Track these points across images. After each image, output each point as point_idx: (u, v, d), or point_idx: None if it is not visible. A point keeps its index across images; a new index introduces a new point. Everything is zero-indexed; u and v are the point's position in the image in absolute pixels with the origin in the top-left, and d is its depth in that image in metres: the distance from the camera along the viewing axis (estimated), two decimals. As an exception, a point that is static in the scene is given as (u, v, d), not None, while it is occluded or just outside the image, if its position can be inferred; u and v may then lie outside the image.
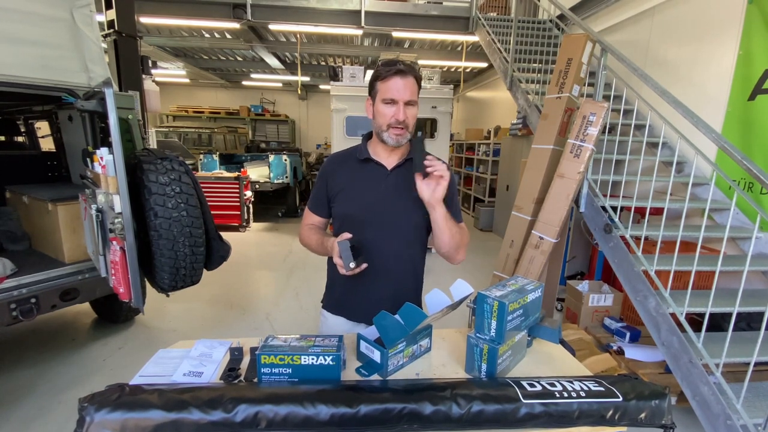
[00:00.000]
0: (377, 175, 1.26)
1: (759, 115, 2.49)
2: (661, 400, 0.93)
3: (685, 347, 1.88)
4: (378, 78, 1.18)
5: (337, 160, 1.35)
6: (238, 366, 1.06)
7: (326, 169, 1.34)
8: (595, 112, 2.29)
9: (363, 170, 1.28)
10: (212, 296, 3.88)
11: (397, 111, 1.16)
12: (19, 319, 2.16)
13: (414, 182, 1.16)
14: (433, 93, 5.79)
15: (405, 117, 1.17)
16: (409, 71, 1.16)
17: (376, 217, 1.24)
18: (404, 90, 1.15)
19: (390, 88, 1.16)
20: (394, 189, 1.25)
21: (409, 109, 1.18)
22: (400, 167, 1.27)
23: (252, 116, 12.01)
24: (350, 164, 1.30)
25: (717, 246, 2.63)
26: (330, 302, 1.39)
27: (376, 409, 0.85)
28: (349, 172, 1.29)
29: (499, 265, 2.77)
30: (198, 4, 5.44)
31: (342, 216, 1.28)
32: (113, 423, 0.79)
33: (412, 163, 1.16)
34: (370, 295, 1.28)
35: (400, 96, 1.15)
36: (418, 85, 1.20)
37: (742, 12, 2.63)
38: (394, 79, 1.15)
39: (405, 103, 1.16)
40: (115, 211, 1.82)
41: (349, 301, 1.34)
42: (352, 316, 1.34)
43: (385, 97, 1.17)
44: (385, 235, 1.24)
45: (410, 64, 1.19)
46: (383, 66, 1.18)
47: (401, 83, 1.15)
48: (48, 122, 3.36)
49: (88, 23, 2.34)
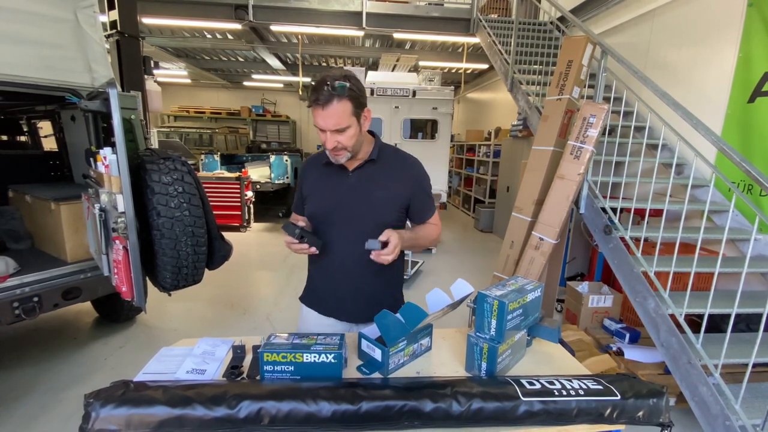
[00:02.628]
0: (340, 177, 1.28)
1: (758, 117, 2.50)
2: (658, 398, 0.94)
3: (684, 348, 1.89)
4: (309, 102, 1.15)
5: (310, 163, 1.39)
6: (240, 364, 1.07)
7: (302, 171, 1.40)
8: (596, 114, 2.30)
9: (327, 173, 1.30)
10: (213, 296, 3.89)
11: (326, 140, 1.16)
12: (21, 318, 2.17)
13: (378, 181, 1.26)
14: (434, 94, 5.80)
15: (336, 144, 1.16)
16: (332, 98, 1.09)
17: (340, 217, 1.27)
18: (327, 120, 1.11)
19: (316, 117, 1.14)
20: (356, 190, 1.27)
21: (340, 135, 1.15)
22: (361, 168, 1.28)
23: (253, 117, 12.02)
24: (318, 167, 1.33)
25: (716, 248, 2.64)
26: (306, 295, 1.44)
27: (378, 406, 0.86)
28: (317, 174, 1.33)
29: (499, 266, 2.78)
30: (200, 5, 5.46)
31: (310, 216, 1.31)
32: (118, 418, 0.81)
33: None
34: (335, 292, 1.34)
35: (325, 126, 1.13)
36: (355, 102, 1.13)
37: (742, 14, 2.64)
38: (316, 111, 1.12)
39: (333, 131, 1.13)
40: (118, 211, 1.83)
41: (319, 296, 1.39)
42: (322, 310, 1.39)
43: (315, 123, 1.16)
44: (349, 234, 1.26)
45: (346, 76, 1.11)
46: (312, 89, 1.13)
47: (322, 114, 1.11)
48: (51, 122, 3.38)
49: (91, 24, 2.36)
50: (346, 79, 1.11)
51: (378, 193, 1.26)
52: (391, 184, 1.28)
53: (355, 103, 1.14)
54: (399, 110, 5.82)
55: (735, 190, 1.93)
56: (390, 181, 1.28)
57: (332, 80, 1.09)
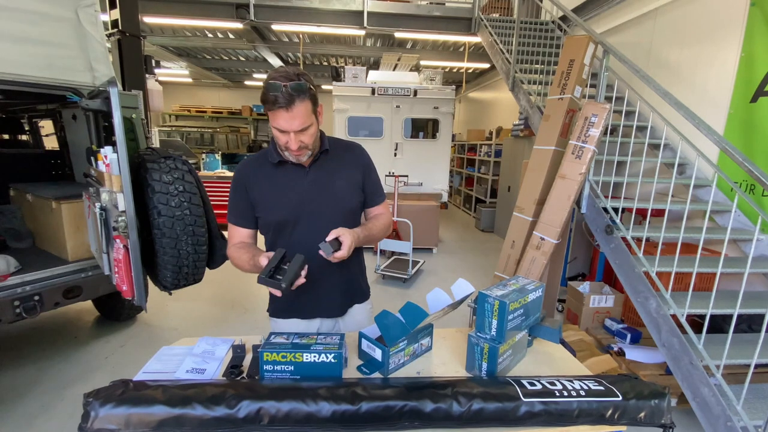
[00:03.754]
0: (296, 174, 1.24)
1: (761, 117, 2.49)
2: (660, 399, 0.94)
3: (685, 349, 1.88)
4: (264, 102, 1.08)
5: (250, 165, 1.28)
6: (240, 363, 1.07)
7: (241, 178, 1.27)
8: (597, 113, 2.29)
9: (280, 173, 1.24)
10: (213, 295, 3.90)
11: (289, 141, 1.12)
12: (22, 317, 2.18)
13: (335, 170, 1.26)
14: (435, 94, 5.80)
15: (299, 144, 1.13)
16: (294, 99, 1.05)
17: (305, 215, 1.23)
18: (291, 122, 1.08)
19: (277, 119, 1.08)
20: (317, 183, 1.24)
21: (303, 134, 1.12)
22: (316, 162, 1.26)
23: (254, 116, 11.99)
24: (265, 170, 1.25)
25: (718, 248, 2.63)
26: (279, 308, 1.36)
27: (378, 406, 0.86)
28: (266, 177, 1.25)
29: (500, 266, 2.78)
30: (201, 4, 5.46)
31: (271, 224, 1.25)
32: (118, 418, 0.80)
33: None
34: (320, 291, 1.29)
35: (288, 128, 1.09)
36: (313, 100, 1.11)
37: (745, 14, 2.63)
38: (279, 113, 1.06)
39: (296, 132, 1.10)
40: (119, 210, 1.83)
41: (300, 302, 1.31)
42: (306, 314, 1.34)
43: (275, 126, 1.11)
44: (319, 229, 1.18)
45: (300, 75, 1.07)
46: (267, 90, 1.05)
47: (286, 116, 1.07)
48: (52, 121, 3.38)
49: (92, 23, 2.36)
50: (299, 77, 1.07)
51: (339, 182, 1.26)
52: (346, 171, 1.29)
53: (313, 100, 1.12)
54: (400, 109, 5.82)
55: (737, 190, 1.92)
56: (344, 169, 1.29)
57: (287, 80, 1.05)
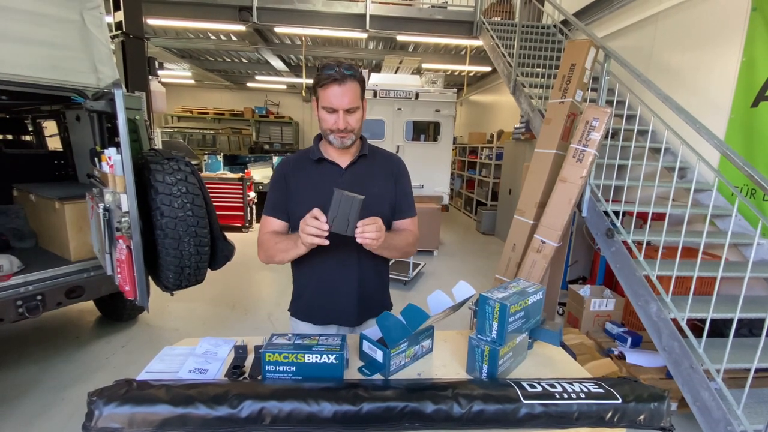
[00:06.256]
0: (332, 174, 1.26)
1: (762, 121, 2.50)
2: (660, 402, 0.94)
3: (686, 352, 1.88)
4: (317, 84, 1.14)
5: (292, 162, 1.32)
6: (242, 364, 1.08)
7: (283, 172, 1.30)
8: (598, 117, 2.30)
9: (318, 170, 1.27)
10: (215, 296, 3.90)
11: (337, 120, 1.15)
12: (24, 316, 2.19)
13: (371, 177, 1.26)
14: (437, 96, 5.82)
15: (346, 125, 1.16)
16: (347, 77, 1.12)
17: None
18: (342, 98, 1.12)
19: (328, 96, 1.12)
20: (350, 185, 1.23)
21: (350, 116, 1.16)
22: (354, 164, 1.27)
23: (256, 118, 12.06)
24: (305, 166, 1.29)
25: (719, 252, 2.63)
26: (299, 309, 1.37)
27: (379, 407, 0.86)
28: (305, 173, 1.28)
29: (501, 269, 2.78)
30: (204, 6, 5.49)
31: (300, 218, 1.24)
32: (121, 417, 0.81)
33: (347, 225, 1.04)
34: (336, 297, 1.30)
35: (338, 104, 1.13)
36: (362, 86, 1.17)
37: (746, 19, 2.64)
38: (331, 88, 1.11)
39: (345, 110, 1.14)
40: (122, 210, 1.84)
41: (315, 306, 1.33)
42: (319, 320, 1.34)
43: (325, 105, 1.14)
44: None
45: (351, 65, 1.14)
46: (322, 70, 1.13)
47: (339, 91, 1.11)
48: (56, 122, 3.40)
49: (97, 25, 2.38)
50: (351, 67, 1.14)
51: (373, 189, 1.24)
52: (382, 180, 1.29)
53: (362, 86, 1.18)
54: (402, 112, 5.83)
55: (738, 195, 1.92)
56: (381, 178, 1.29)
57: (340, 64, 1.12)
